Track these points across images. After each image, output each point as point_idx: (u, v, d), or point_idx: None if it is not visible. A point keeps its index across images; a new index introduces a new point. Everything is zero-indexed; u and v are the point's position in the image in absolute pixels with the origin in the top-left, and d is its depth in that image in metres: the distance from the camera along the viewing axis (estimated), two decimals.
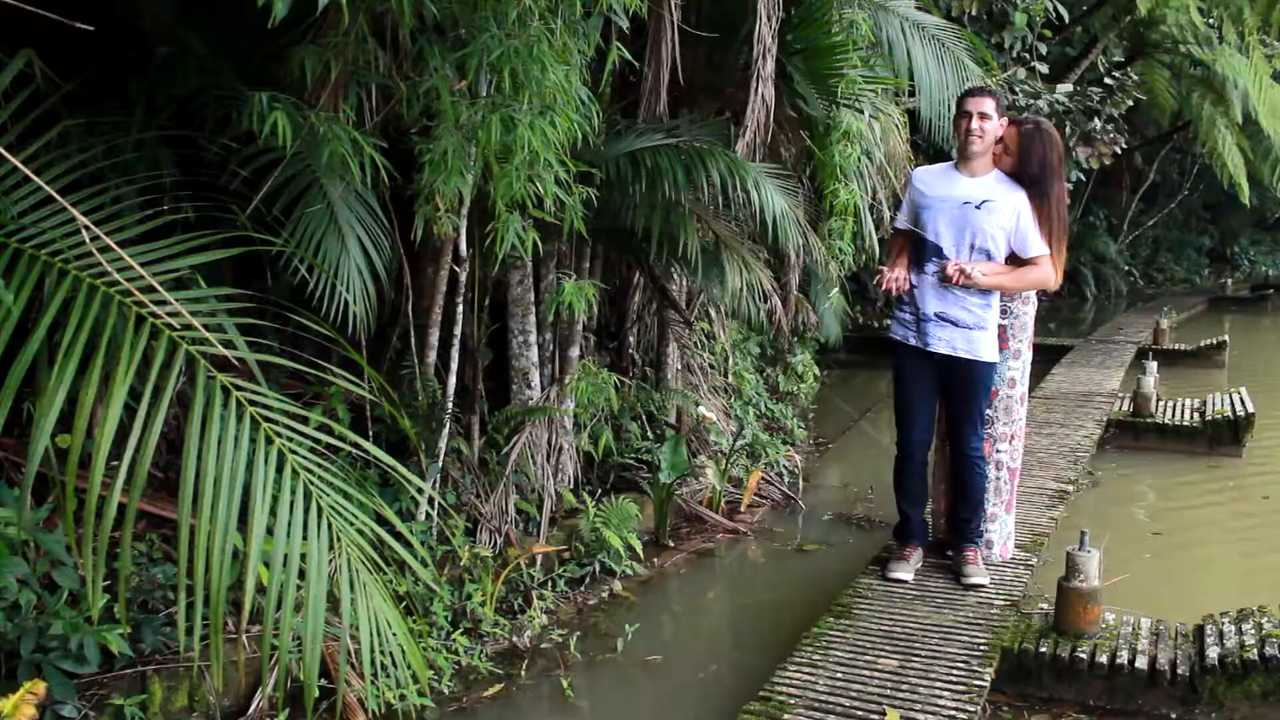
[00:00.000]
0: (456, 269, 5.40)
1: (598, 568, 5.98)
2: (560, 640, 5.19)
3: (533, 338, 6.27)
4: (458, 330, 5.52)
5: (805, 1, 6.54)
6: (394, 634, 3.38)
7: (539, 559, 5.80)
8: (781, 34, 6.28)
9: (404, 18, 3.63)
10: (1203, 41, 16.78)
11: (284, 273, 4.56)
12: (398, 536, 3.58)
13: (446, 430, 5.48)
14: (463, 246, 5.31)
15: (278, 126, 3.73)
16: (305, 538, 3.25)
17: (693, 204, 5.89)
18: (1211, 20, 16.34)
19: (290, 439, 3.36)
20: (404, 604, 4.76)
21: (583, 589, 5.84)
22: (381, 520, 3.60)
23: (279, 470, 3.26)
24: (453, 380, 5.53)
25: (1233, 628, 4.49)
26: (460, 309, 5.51)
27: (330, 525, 3.33)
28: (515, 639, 5.16)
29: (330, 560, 3.30)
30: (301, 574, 3.20)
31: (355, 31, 3.86)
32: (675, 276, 6.99)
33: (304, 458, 3.36)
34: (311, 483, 3.33)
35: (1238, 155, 17.80)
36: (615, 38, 5.20)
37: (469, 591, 5.21)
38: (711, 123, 6.47)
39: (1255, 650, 4.27)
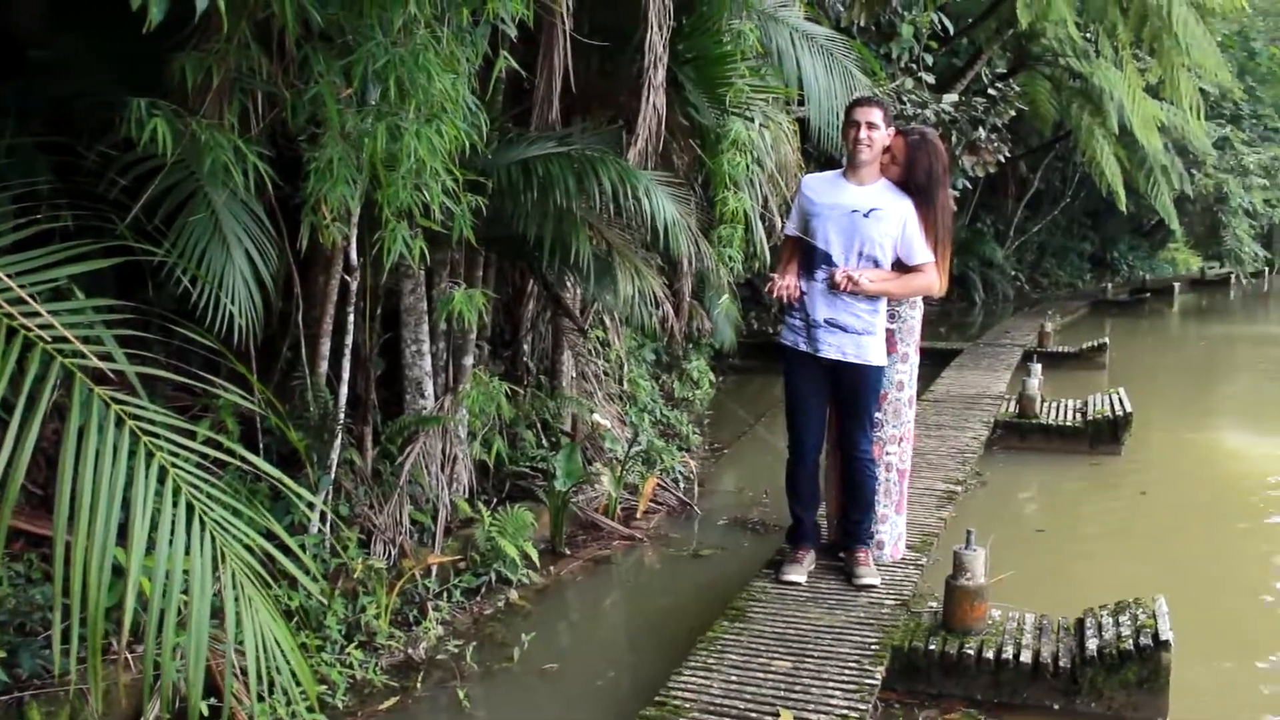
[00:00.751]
0: (347, 278, 5.34)
1: (494, 577, 5.94)
2: (456, 651, 5.14)
3: (426, 347, 6.22)
4: (349, 340, 5.45)
5: (697, 11, 6.60)
6: (281, 649, 3.32)
7: (434, 569, 5.74)
8: (673, 43, 6.34)
9: (288, 24, 3.58)
10: (1081, 55, 17.40)
11: (168, 283, 4.45)
12: (287, 551, 3.52)
13: (339, 441, 5.41)
14: (353, 255, 5.24)
15: (157, 133, 3.65)
16: (188, 553, 3.17)
17: (585, 212, 5.91)
18: (1089, 35, 16.93)
19: (174, 453, 3.28)
20: (296, 619, 4.69)
21: (479, 599, 5.79)
22: (271, 534, 3.54)
23: (160, 485, 3.19)
24: (345, 390, 5.47)
25: (1110, 620, 4.64)
26: (352, 318, 5.44)
27: (215, 540, 3.26)
28: (411, 651, 5.11)
29: (216, 576, 3.23)
30: (186, 591, 3.13)
31: (238, 37, 3.80)
32: (569, 284, 6.99)
33: (188, 472, 3.29)
34: (195, 497, 3.26)
35: (1115, 164, 18.44)
36: (506, 46, 5.20)
37: (363, 604, 5.14)
38: (604, 131, 6.50)
39: (1131, 641, 4.41)
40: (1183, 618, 4.79)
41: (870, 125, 4.95)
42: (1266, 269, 31.61)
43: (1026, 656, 4.51)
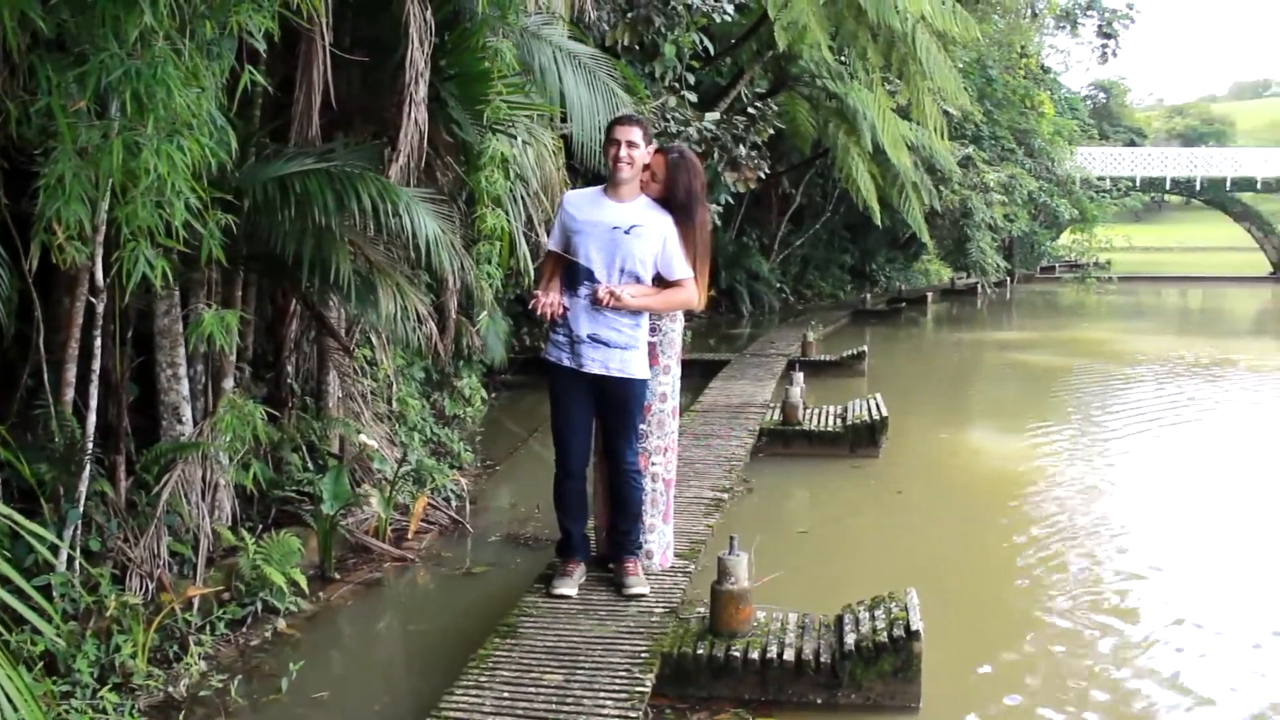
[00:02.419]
0: (93, 300, 5.07)
1: (260, 606, 5.74)
2: (221, 686, 4.94)
3: (183, 370, 5.97)
4: (97, 365, 5.18)
5: (459, 27, 6.58)
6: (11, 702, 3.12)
7: (196, 602, 5.50)
8: (435, 58, 6.30)
9: (9, 32, 3.38)
10: (836, 77, 18.21)
11: None
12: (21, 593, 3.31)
13: (87, 472, 5.13)
14: (99, 275, 4.99)
15: None
16: None
17: (346, 229, 5.80)
18: (843, 58, 17.72)
19: None
20: (42, 665, 4.42)
21: (245, 630, 5.58)
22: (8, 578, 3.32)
23: None
24: (93, 418, 5.18)
25: (867, 615, 4.86)
26: (99, 341, 5.17)
27: None
28: (171, 689, 4.88)
29: None
30: None
31: None
32: (333, 303, 6.85)
33: None
34: None
35: (869, 180, 19.35)
36: (263, 59, 5.06)
37: (118, 643, 4.87)
38: (366, 147, 6.40)
39: (885, 633, 4.63)
40: (936, 608, 5.08)
41: (630, 144, 5.05)
42: (1008, 279, 33.67)
43: (790, 655, 4.67)
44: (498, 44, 6.45)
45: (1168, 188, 47.49)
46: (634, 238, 5.04)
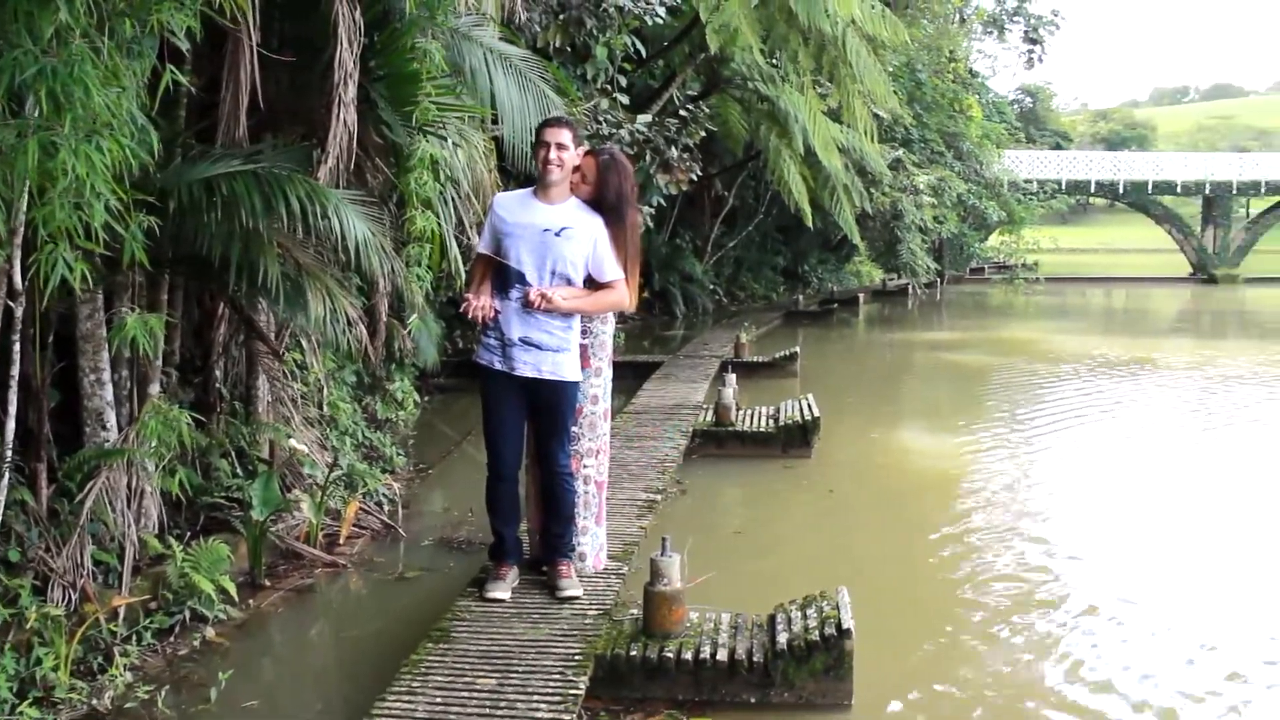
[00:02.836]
0: (11, 303, 4.95)
1: (188, 615, 5.64)
2: (147, 697, 4.84)
3: (107, 375, 5.86)
4: (16, 370, 5.07)
5: (388, 28, 6.53)
6: None
7: (121, 612, 5.40)
8: (365, 59, 6.25)
9: None
10: (767, 79, 18.33)
11: None
12: None
13: (6, 480, 5.01)
14: (17, 278, 4.88)
15: None
16: None
17: (274, 232, 5.73)
18: (775, 61, 17.85)
19: None
20: None
21: (172, 639, 5.49)
22: None
23: None
24: (12, 425, 5.06)
25: (799, 614, 4.89)
26: (19, 346, 5.06)
27: None
28: (95, 702, 4.77)
29: None
30: None
31: None
32: (262, 306, 6.76)
33: None
34: None
35: (801, 183, 19.49)
36: (188, 59, 4.98)
37: (39, 656, 4.77)
38: (295, 148, 6.33)
39: (817, 632, 4.67)
40: (868, 605, 5.13)
41: (560, 146, 5.05)
42: (938, 280, 34.08)
43: (723, 655, 4.69)
44: (427, 45, 6.41)
45: (1092, 191, 48.40)
46: (564, 240, 5.03)
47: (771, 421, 9.98)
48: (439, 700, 4.18)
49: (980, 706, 4.92)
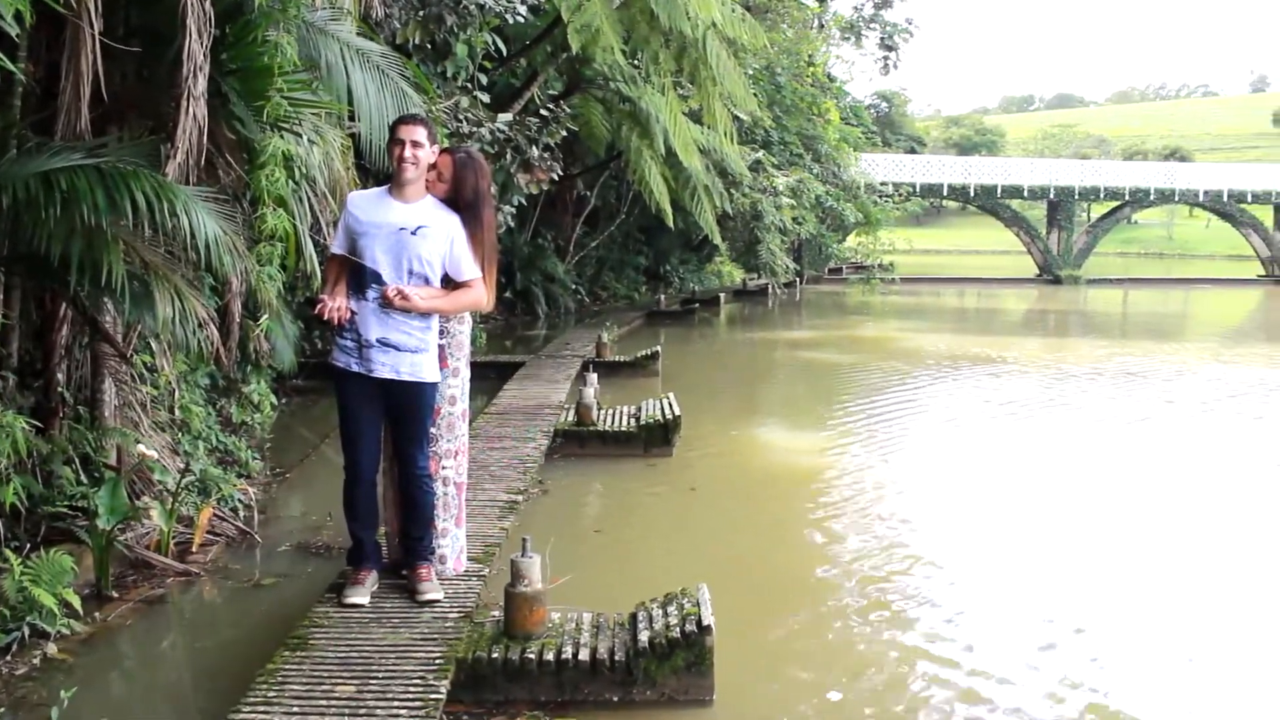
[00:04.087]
0: None
1: (28, 631, 5.39)
2: None
3: None
4: None
5: (240, 19, 6.36)
6: None
7: None
8: (216, 52, 6.07)
9: None
10: (629, 80, 18.40)
11: None
12: None
13: None
14: None
15: None
16: None
17: (119, 229, 5.52)
18: (636, 62, 17.93)
19: None
20: None
21: (10, 658, 5.24)
22: None
23: None
24: None
25: (660, 611, 4.94)
26: None
27: None
28: None
29: None
30: None
31: None
32: (107, 307, 6.51)
33: None
34: None
35: (662, 183, 19.62)
36: (21, 45, 4.76)
37: None
38: (141, 142, 6.11)
39: (678, 629, 4.73)
40: (729, 601, 5.20)
41: (415, 143, 5.00)
42: (798, 280, 34.65)
43: (585, 655, 4.72)
44: (279, 38, 6.26)
45: (945, 194, 49.95)
46: (421, 238, 4.98)
47: (633, 421, 10.04)
48: (296, 709, 4.10)
49: (837, 692, 5.04)
